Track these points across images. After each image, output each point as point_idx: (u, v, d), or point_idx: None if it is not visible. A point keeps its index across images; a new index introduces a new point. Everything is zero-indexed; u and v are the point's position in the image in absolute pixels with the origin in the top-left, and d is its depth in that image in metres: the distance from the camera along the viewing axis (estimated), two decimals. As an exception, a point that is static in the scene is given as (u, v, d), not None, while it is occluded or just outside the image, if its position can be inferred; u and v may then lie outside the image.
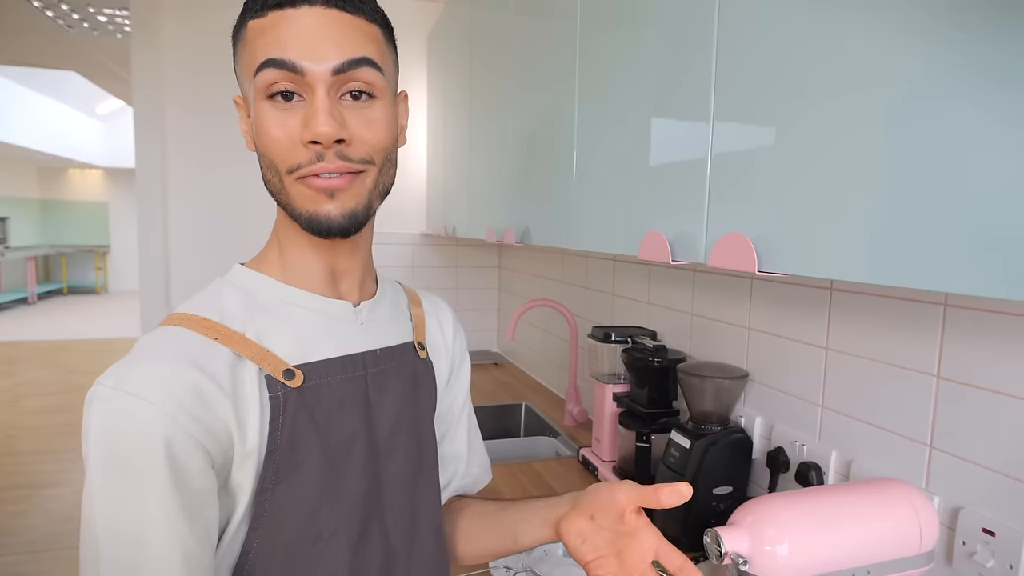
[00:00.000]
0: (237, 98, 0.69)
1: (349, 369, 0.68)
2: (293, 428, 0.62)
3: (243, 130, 0.68)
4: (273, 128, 0.61)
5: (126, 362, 0.57)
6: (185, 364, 0.57)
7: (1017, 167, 0.46)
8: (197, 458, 0.56)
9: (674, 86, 0.87)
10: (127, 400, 0.54)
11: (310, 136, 0.59)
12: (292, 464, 0.62)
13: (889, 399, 0.97)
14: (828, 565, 0.72)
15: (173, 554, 0.55)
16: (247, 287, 0.67)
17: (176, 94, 2.48)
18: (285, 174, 0.62)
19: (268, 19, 0.60)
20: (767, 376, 1.22)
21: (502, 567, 1.00)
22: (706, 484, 1.17)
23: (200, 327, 0.61)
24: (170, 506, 0.54)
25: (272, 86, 0.60)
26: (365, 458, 0.68)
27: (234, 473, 0.60)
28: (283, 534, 0.61)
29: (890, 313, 0.97)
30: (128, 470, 0.54)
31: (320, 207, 0.62)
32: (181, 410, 0.55)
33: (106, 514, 0.54)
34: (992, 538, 0.83)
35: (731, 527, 0.74)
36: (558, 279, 2.24)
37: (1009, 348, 0.81)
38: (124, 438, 0.54)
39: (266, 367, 0.61)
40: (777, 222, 0.68)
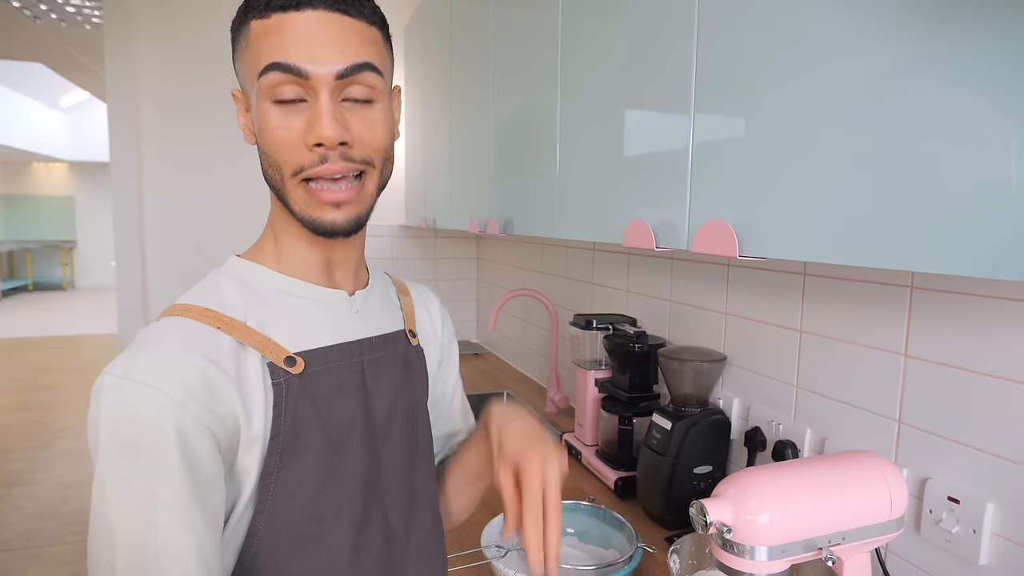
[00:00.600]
0: (236, 91, 0.69)
1: (346, 356, 0.70)
2: (296, 413, 0.64)
3: (241, 123, 0.69)
4: (277, 129, 0.62)
5: (132, 352, 0.58)
6: (191, 352, 0.58)
7: (976, 154, 0.50)
8: (206, 444, 0.57)
9: (656, 77, 0.90)
10: (137, 388, 0.55)
11: (315, 139, 0.61)
12: (295, 448, 0.63)
13: (860, 378, 1.02)
14: (806, 532, 0.76)
15: (186, 539, 0.56)
16: (245, 278, 0.68)
17: (150, 86, 2.45)
18: (289, 176, 0.64)
19: (272, 20, 0.61)
20: (744, 359, 1.27)
21: (494, 546, 1.03)
22: (687, 464, 1.21)
23: (202, 316, 0.62)
24: (183, 492, 0.56)
25: (276, 89, 0.61)
26: (364, 441, 0.70)
27: (240, 458, 0.62)
28: (288, 516, 0.63)
29: (860, 296, 1.02)
30: (140, 457, 0.55)
31: (324, 215, 0.65)
32: (190, 397, 0.56)
33: (119, 502, 0.55)
34: (957, 506, 0.88)
35: (715, 499, 0.77)
36: (538, 269, 2.27)
37: (971, 327, 0.86)
38: (135, 425, 0.55)
39: (268, 354, 0.63)
40: (756, 209, 0.72)
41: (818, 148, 0.64)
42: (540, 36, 1.25)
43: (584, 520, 1.16)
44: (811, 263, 1.10)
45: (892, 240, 0.57)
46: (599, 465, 1.45)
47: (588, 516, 1.16)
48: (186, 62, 2.45)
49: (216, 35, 2.47)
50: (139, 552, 0.55)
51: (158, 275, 2.55)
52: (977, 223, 0.50)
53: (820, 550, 0.77)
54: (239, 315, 0.64)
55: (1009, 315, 0.82)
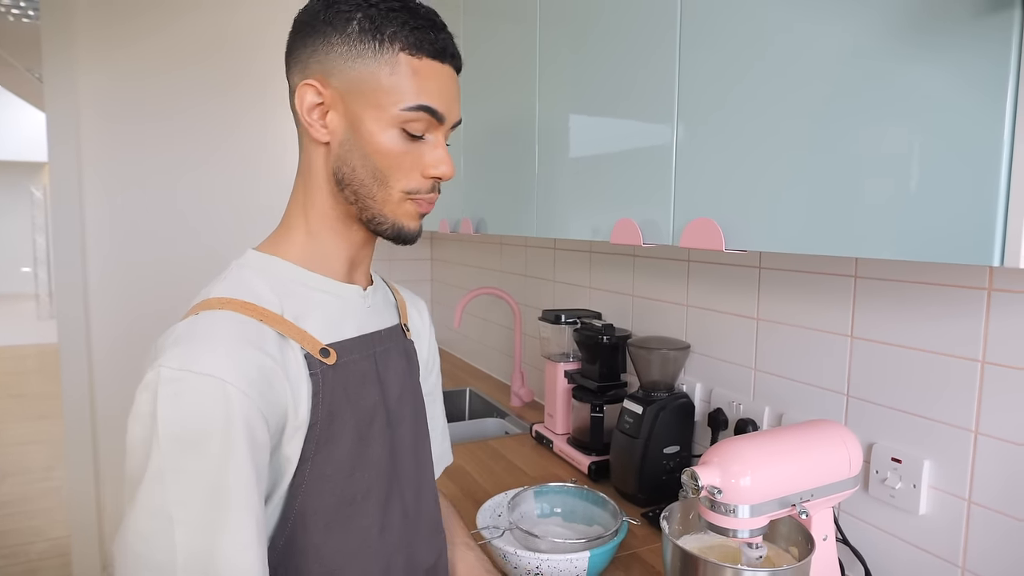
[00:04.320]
0: (315, 83, 0.70)
1: (366, 347, 0.76)
2: (332, 402, 0.69)
3: (307, 117, 0.71)
4: (403, 156, 0.71)
5: (185, 345, 0.60)
6: (244, 343, 0.62)
7: (909, 152, 0.61)
8: (263, 431, 0.61)
9: (638, 84, 0.99)
10: (200, 380, 0.57)
11: (438, 174, 0.72)
12: (329, 435, 0.68)
13: (812, 358, 1.15)
14: (782, 490, 0.87)
15: (251, 520, 0.59)
16: (270, 271, 0.72)
17: (90, 86, 2.38)
18: (398, 191, 0.72)
19: (423, 64, 0.69)
20: (705, 347, 1.38)
21: (490, 527, 1.10)
22: (657, 444, 1.32)
23: (244, 309, 0.65)
24: (247, 476, 0.59)
25: (413, 124, 0.70)
26: (383, 427, 0.76)
27: (283, 445, 0.65)
28: (322, 499, 0.68)
29: (811, 286, 1.15)
30: (206, 449, 0.57)
31: (412, 223, 0.75)
32: (250, 386, 0.59)
33: (182, 495, 0.57)
34: (899, 465, 1.01)
35: (704, 466, 0.87)
36: (496, 268, 2.34)
37: (904, 309, 1.00)
38: (199, 415, 0.57)
39: (306, 346, 0.68)
40: (738, 207, 0.82)
41: (779, 152, 0.75)
42: (518, 43, 1.33)
43: (569, 500, 1.25)
44: (766, 257, 1.23)
45: (840, 230, 0.68)
46: (571, 452, 1.54)
47: (572, 496, 1.25)
48: (129, 63, 2.40)
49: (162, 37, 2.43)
50: (205, 544, 0.57)
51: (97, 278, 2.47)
52: (903, 211, 0.62)
53: (794, 506, 0.88)
54: (276, 308, 0.68)
55: (932, 297, 0.96)
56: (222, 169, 2.59)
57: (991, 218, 0.57)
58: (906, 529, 1.02)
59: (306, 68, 0.70)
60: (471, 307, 2.55)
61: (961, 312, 0.93)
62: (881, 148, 0.65)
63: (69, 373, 2.48)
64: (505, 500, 1.19)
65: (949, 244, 0.60)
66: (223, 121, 2.58)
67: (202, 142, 2.55)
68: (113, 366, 2.52)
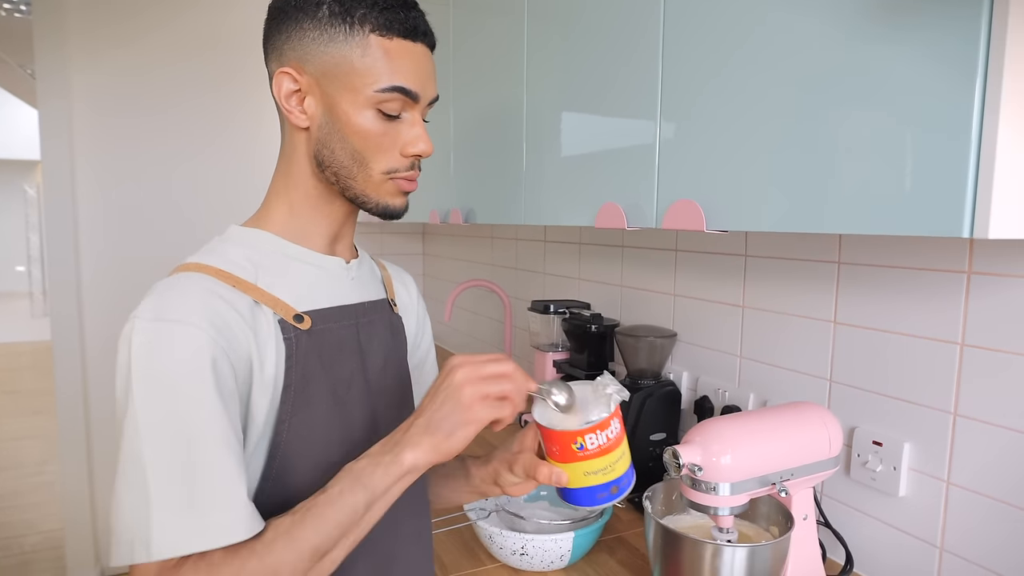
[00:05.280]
0: (291, 70, 0.72)
1: (345, 317, 0.78)
2: (305, 366, 0.71)
3: (286, 104, 0.73)
4: (378, 136, 0.72)
5: (157, 297, 0.64)
6: (213, 296, 0.66)
7: (881, 131, 0.63)
8: (228, 367, 0.64)
9: (626, 76, 1.01)
10: (170, 327, 0.61)
11: (417, 151, 0.74)
12: (305, 398, 0.71)
13: (796, 344, 1.16)
14: (762, 469, 0.88)
15: (227, 454, 0.62)
16: (250, 243, 0.75)
17: (83, 82, 2.39)
18: (378, 172, 0.73)
19: (394, 44, 0.70)
20: (692, 335, 1.40)
21: (477, 508, 1.11)
22: (644, 432, 1.33)
23: (217, 275, 0.69)
24: (218, 412, 0.62)
25: (388, 104, 0.71)
26: (362, 395, 0.78)
27: (254, 398, 0.68)
28: (300, 460, 0.70)
29: (795, 273, 1.16)
30: (176, 386, 0.61)
31: (395, 200, 0.77)
32: (217, 331, 0.63)
33: (154, 435, 0.60)
34: (880, 448, 1.03)
35: (686, 444, 0.89)
36: (487, 262, 2.35)
37: (886, 294, 1.01)
38: (171, 358, 0.61)
39: (279, 312, 0.71)
40: (718, 189, 0.84)
41: (767, 137, 0.76)
42: (506, 34, 1.34)
43: (555, 484, 1.26)
44: (751, 245, 1.24)
45: (823, 209, 0.69)
46: (559, 440, 1.55)
47: (558, 480, 1.26)
48: (120, 58, 2.40)
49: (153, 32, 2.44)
50: (181, 485, 0.60)
51: (91, 275, 2.48)
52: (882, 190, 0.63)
53: (773, 485, 0.89)
54: (250, 277, 0.71)
55: (913, 282, 0.97)
56: (215, 163, 2.59)
57: (961, 191, 0.58)
58: (886, 511, 1.03)
59: (282, 55, 0.72)
60: (462, 301, 2.56)
61: (941, 296, 0.95)
62: (854, 128, 0.67)
63: (62, 369, 2.48)
64: (492, 484, 1.20)
65: (922, 217, 0.61)
66: (216, 116, 2.58)
67: (195, 137, 2.56)
68: (106, 362, 2.52)
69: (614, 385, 0.75)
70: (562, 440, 0.72)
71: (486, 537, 1.06)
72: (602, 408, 0.73)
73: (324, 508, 0.63)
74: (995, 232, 0.57)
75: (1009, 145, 0.56)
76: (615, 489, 0.75)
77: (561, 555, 1.04)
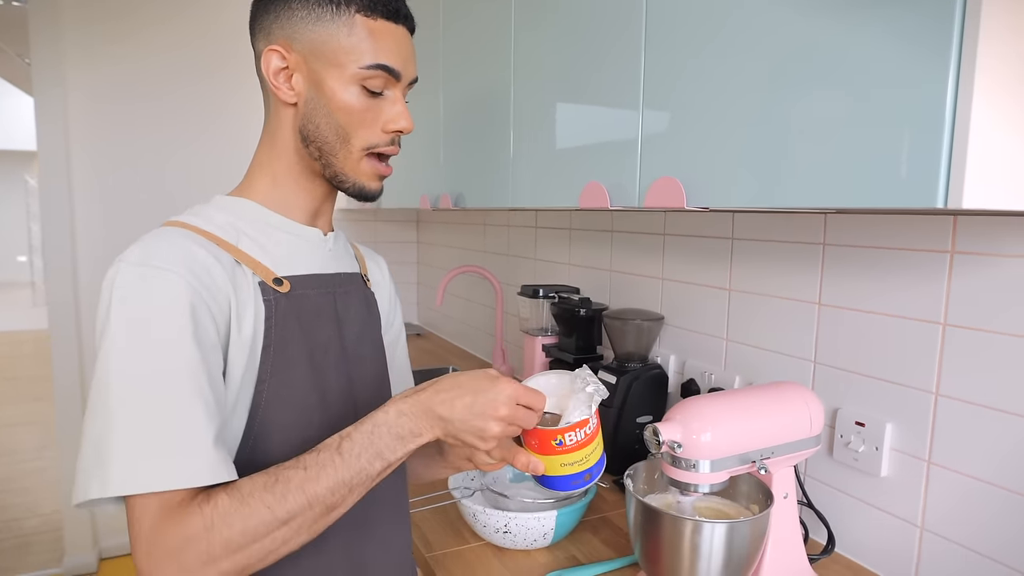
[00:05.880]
0: (279, 48, 0.74)
1: (323, 285, 0.81)
2: (284, 328, 0.73)
3: (274, 81, 0.75)
4: (362, 112, 0.75)
5: (143, 244, 0.67)
6: (197, 246, 0.68)
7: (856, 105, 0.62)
8: (208, 317, 0.66)
9: (611, 60, 1.00)
10: (152, 271, 0.64)
11: (398, 127, 0.77)
12: (284, 359, 0.73)
13: (781, 326, 1.16)
14: (742, 447, 0.88)
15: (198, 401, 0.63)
16: (233, 209, 0.77)
17: (78, 72, 2.38)
18: (359, 148, 0.76)
19: (379, 24, 0.74)
20: (679, 319, 1.40)
21: (461, 487, 1.12)
22: (630, 414, 1.33)
23: (199, 233, 0.71)
24: (191, 358, 0.63)
25: (372, 81, 0.74)
26: (339, 361, 0.80)
27: (231, 354, 0.70)
28: (280, 418, 0.72)
29: (781, 255, 1.16)
30: (151, 329, 0.62)
31: (372, 183, 0.80)
32: (198, 280, 0.66)
33: (123, 370, 0.61)
34: (862, 428, 1.03)
35: (666, 422, 0.89)
36: (480, 249, 2.35)
37: (870, 275, 1.01)
38: (150, 302, 0.63)
39: (259, 274, 0.73)
40: (699, 167, 0.83)
41: (741, 113, 0.76)
42: (493, 17, 1.34)
43: (540, 466, 1.26)
44: (739, 228, 1.24)
45: (801, 183, 0.69)
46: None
47: (544, 462, 1.26)
48: (117, 48, 2.40)
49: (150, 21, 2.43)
50: (145, 423, 0.61)
51: (89, 266, 2.48)
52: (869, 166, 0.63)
53: (754, 463, 0.90)
54: (231, 240, 0.74)
55: (897, 262, 0.97)
56: (209, 150, 2.59)
57: (935, 161, 0.57)
58: (868, 491, 1.04)
59: (270, 34, 0.75)
60: (455, 288, 2.56)
61: (924, 276, 0.94)
62: (829, 103, 0.66)
63: (60, 357, 2.50)
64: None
65: (897, 189, 0.61)
66: (210, 103, 2.58)
67: (190, 124, 2.56)
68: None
69: (594, 383, 0.77)
70: (542, 436, 0.75)
71: (470, 515, 1.07)
72: (583, 409, 0.75)
73: (339, 468, 0.64)
74: (969, 202, 0.57)
75: (984, 112, 0.56)
76: (588, 476, 0.79)
77: (544, 533, 1.04)
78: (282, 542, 0.63)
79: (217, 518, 0.60)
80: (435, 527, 1.14)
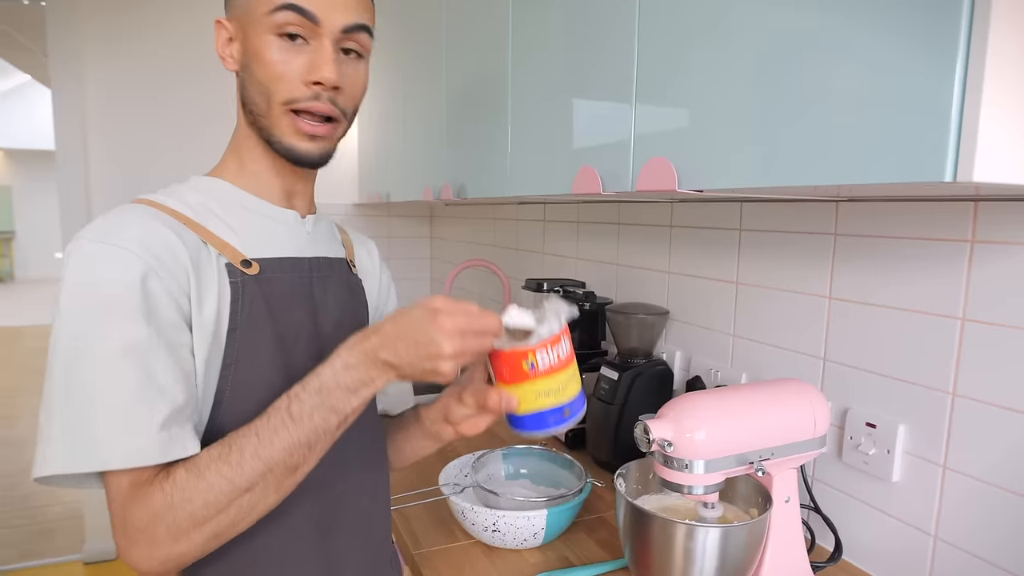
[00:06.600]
0: (223, 20, 0.74)
1: (298, 269, 0.77)
2: (252, 311, 0.70)
3: (222, 52, 0.74)
4: (278, 63, 0.69)
5: (103, 220, 0.64)
6: (160, 226, 0.66)
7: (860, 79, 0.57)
8: (165, 295, 0.64)
9: (600, 48, 0.96)
10: (107, 248, 0.61)
11: (316, 78, 0.69)
12: (251, 344, 0.70)
13: (790, 322, 1.10)
14: (739, 447, 0.83)
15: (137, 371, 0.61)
16: (205, 190, 0.75)
17: (96, 67, 2.39)
18: (279, 104, 0.71)
19: None
20: (685, 314, 1.34)
21: (452, 484, 1.08)
22: (633, 412, 1.28)
23: (168, 212, 0.69)
24: (139, 337, 0.61)
25: (286, 27, 0.68)
26: (312, 346, 0.76)
27: (194, 335, 0.67)
28: (244, 405, 0.69)
29: (789, 246, 1.10)
30: (100, 305, 0.60)
31: (301, 143, 0.73)
32: (155, 258, 0.63)
33: (66, 347, 0.60)
34: (873, 430, 0.97)
35: (657, 419, 0.84)
36: (489, 243, 2.32)
37: (884, 267, 0.95)
38: (100, 279, 0.61)
39: (227, 255, 0.70)
40: (692, 147, 0.78)
41: (739, 90, 0.71)
42: (493, 7, 1.30)
43: (536, 463, 1.22)
44: (747, 218, 1.18)
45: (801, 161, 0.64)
46: (551, 421, 1.51)
47: (540, 459, 1.22)
48: (133, 43, 2.41)
49: (166, 15, 2.43)
50: (79, 396, 0.59)
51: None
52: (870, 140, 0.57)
53: (751, 464, 0.84)
54: (201, 219, 0.71)
55: (912, 252, 0.91)
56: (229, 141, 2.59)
57: (943, 133, 0.52)
58: (879, 497, 0.97)
59: (225, 9, 0.75)
60: (465, 282, 2.53)
61: (942, 267, 0.88)
62: (831, 77, 0.61)
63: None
64: (472, 459, 1.17)
65: (902, 163, 0.55)
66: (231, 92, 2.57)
67: (210, 114, 2.54)
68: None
69: (563, 304, 0.73)
70: (512, 360, 0.69)
71: (459, 512, 1.03)
72: (552, 324, 0.70)
73: (292, 430, 0.62)
74: (980, 175, 0.51)
75: (998, 78, 0.50)
76: (567, 412, 0.73)
77: (534, 533, 1.00)
78: (250, 508, 0.63)
79: (177, 494, 0.60)
80: (426, 524, 1.11)
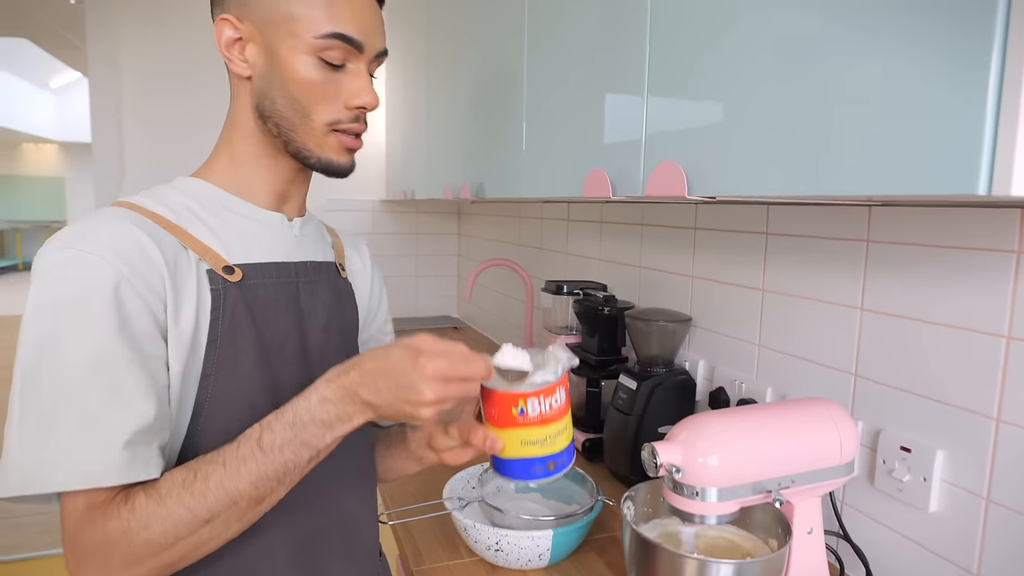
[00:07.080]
0: (233, 19, 0.69)
1: (284, 274, 0.74)
2: (233, 319, 0.67)
3: (227, 53, 0.70)
4: (319, 85, 0.69)
5: (77, 226, 0.62)
6: (136, 231, 0.63)
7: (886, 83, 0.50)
8: (138, 304, 0.61)
9: (612, 39, 0.89)
10: (77, 255, 0.59)
11: (361, 103, 0.70)
12: (232, 353, 0.67)
13: (818, 333, 1.03)
14: (755, 474, 0.77)
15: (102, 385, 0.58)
16: (190, 191, 0.72)
17: (132, 62, 2.41)
18: (321, 124, 0.69)
19: None
20: (709, 321, 1.27)
21: (455, 498, 1.04)
22: (652, 423, 1.22)
23: (145, 214, 0.66)
24: (108, 349, 0.58)
25: (331, 53, 0.68)
26: (297, 356, 0.73)
27: (168, 346, 0.64)
28: (226, 418, 0.66)
29: (818, 253, 1.02)
30: (67, 315, 0.58)
31: (341, 157, 0.73)
32: (128, 266, 0.60)
33: (29, 358, 0.58)
34: (908, 454, 0.89)
35: (666, 442, 0.78)
36: (514, 242, 2.27)
37: (922, 277, 0.87)
38: (73, 283, 0.58)
39: (208, 261, 0.67)
40: (704, 151, 0.72)
41: (759, 94, 0.64)
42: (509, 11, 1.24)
43: (548, 477, 1.17)
44: (773, 222, 1.11)
45: (822, 170, 0.57)
46: (569, 429, 1.46)
47: (552, 473, 1.17)
48: (169, 37, 2.42)
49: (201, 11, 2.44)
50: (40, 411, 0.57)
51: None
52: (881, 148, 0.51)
53: (769, 492, 0.78)
54: (182, 222, 0.68)
55: (953, 262, 0.82)
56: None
57: (977, 143, 0.46)
58: (914, 527, 0.90)
59: (224, 2, 0.71)
60: (490, 281, 2.48)
61: (985, 279, 0.80)
62: (856, 81, 0.54)
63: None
64: (479, 471, 1.13)
65: (931, 175, 0.49)
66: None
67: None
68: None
69: (565, 353, 0.69)
70: (503, 403, 0.66)
71: (462, 529, 0.99)
72: (549, 373, 0.66)
73: (261, 463, 0.60)
74: (1019, 188, 0.45)
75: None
76: (552, 465, 0.68)
77: (539, 554, 0.95)
78: (209, 537, 0.60)
79: (134, 520, 0.57)
80: (430, 538, 1.07)
